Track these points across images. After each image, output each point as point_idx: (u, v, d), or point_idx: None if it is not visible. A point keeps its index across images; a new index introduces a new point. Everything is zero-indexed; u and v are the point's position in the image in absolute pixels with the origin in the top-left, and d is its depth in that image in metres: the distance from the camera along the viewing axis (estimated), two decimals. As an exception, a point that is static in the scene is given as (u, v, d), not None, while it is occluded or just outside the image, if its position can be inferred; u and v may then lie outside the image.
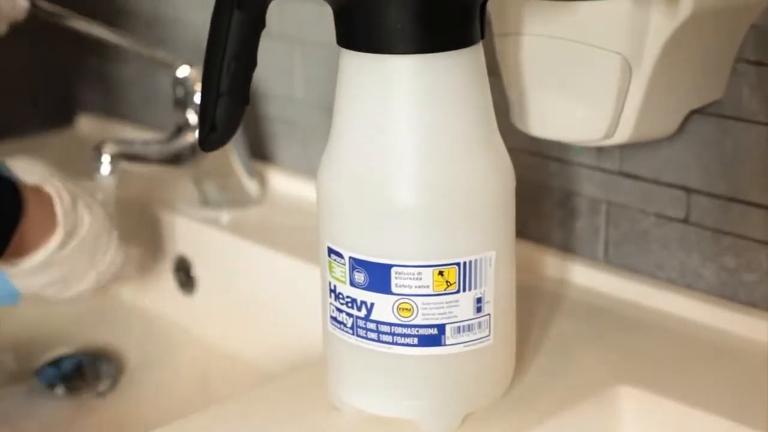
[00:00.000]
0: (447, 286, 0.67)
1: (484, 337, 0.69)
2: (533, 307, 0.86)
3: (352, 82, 0.66)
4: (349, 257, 0.67)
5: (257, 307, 1.03)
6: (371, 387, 0.70)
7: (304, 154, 1.13)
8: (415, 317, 0.67)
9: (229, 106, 0.67)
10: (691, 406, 0.73)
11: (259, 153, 1.17)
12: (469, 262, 0.67)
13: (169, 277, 1.12)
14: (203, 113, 0.67)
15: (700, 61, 0.78)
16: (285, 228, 1.07)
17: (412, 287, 0.66)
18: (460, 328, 0.68)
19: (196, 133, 1.06)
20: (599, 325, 0.85)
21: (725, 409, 0.72)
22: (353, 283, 0.68)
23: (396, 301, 0.67)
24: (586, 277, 0.91)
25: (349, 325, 0.69)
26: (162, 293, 1.12)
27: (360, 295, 0.68)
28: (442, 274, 0.66)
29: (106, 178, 1.00)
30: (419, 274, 0.66)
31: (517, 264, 0.71)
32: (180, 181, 1.14)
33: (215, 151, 0.69)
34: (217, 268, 1.08)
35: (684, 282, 0.86)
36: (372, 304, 0.67)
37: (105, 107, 1.39)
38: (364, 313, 0.68)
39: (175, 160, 1.08)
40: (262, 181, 1.15)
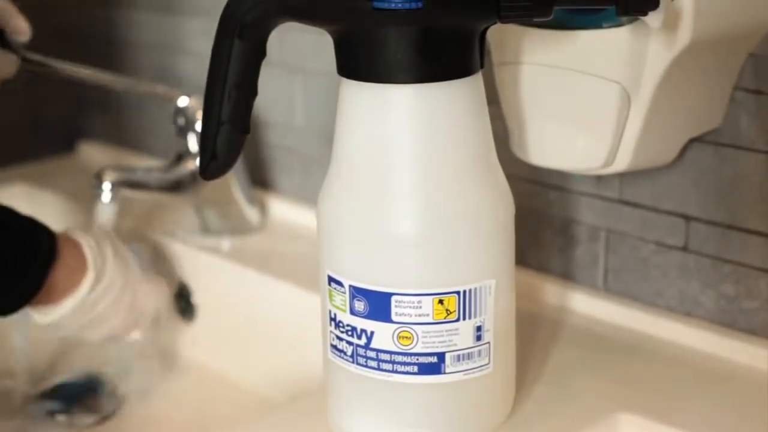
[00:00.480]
0: (447, 315, 0.67)
1: (483, 365, 0.69)
2: (533, 335, 0.86)
3: (352, 111, 0.67)
4: (349, 285, 0.67)
5: (257, 335, 1.03)
6: (371, 415, 0.70)
7: (305, 182, 1.14)
8: (415, 345, 0.67)
9: (230, 135, 0.67)
10: (690, 433, 0.73)
11: (260, 181, 1.17)
12: (469, 290, 0.67)
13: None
14: (204, 142, 0.68)
15: (699, 89, 0.78)
16: (285, 256, 1.07)
17: (412, 315, 0.66)
18: (460, 356, 0.68)
19: (197, 161, 1.06)
20: (599, 352, 0.85)
21: (725, 437, 0.72)
22: (353, 312, 0.68)
23: (396, 329, 0.67)
24: (585, 304, 0.91)
25: (349, 353, 0.69)
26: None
27: (360, 323, 0.68)
28: (442, 302, 0.66)
29: (107, 206, 1.00)
30: (419, 302, 0.66)
31: (516, 292, 0.71)
32: (181, 209, 1.14)
33: (216, 179, 0.69)
34: (218, 296, 1.08)
35: (683, 309, 0.86)
36: (372, 333, 0.67)
37: (106, 135, 1.39)
38: (364, 341, 0.68)
39: (175, 187, 1.08)
40: (263, 208, 1.15)
